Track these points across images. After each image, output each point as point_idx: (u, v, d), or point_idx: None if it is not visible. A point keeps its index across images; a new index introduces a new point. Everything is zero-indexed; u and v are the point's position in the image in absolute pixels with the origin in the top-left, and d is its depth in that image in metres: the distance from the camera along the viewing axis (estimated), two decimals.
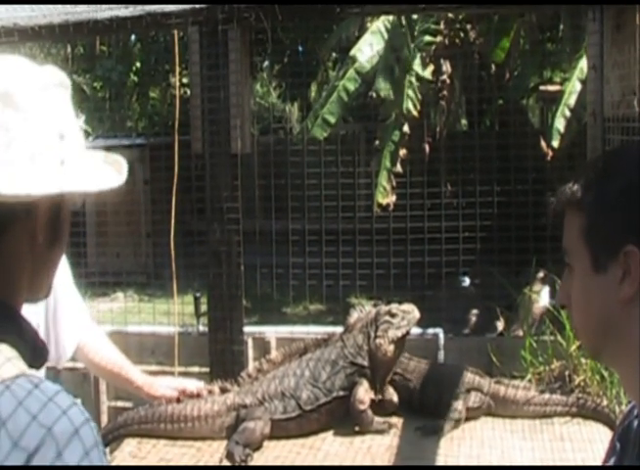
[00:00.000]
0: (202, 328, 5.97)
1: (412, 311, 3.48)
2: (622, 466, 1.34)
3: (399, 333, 3.42)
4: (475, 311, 8.65)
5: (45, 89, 1.43)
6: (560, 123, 7.87)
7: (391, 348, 3.40)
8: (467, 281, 8.89)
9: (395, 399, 3.49)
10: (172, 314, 5.63)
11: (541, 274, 6.83)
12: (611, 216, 1.37)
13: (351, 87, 8.39)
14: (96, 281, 11.34)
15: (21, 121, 1.39)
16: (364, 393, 3.39)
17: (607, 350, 1.44)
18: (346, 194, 9.26)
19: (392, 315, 3.44)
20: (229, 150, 4.43)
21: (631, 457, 1.42)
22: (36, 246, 1.46)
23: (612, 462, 1.49)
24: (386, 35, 8.49)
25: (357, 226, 9.04)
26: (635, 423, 1.45)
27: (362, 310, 3.54)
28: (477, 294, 8.67)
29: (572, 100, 7.89)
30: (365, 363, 3.43)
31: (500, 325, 7.51)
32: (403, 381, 3.59)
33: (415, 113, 8.34)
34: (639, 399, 1.41)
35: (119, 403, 5.48)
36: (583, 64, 7.14)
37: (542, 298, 6.38)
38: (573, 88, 7.93)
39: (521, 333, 5.42)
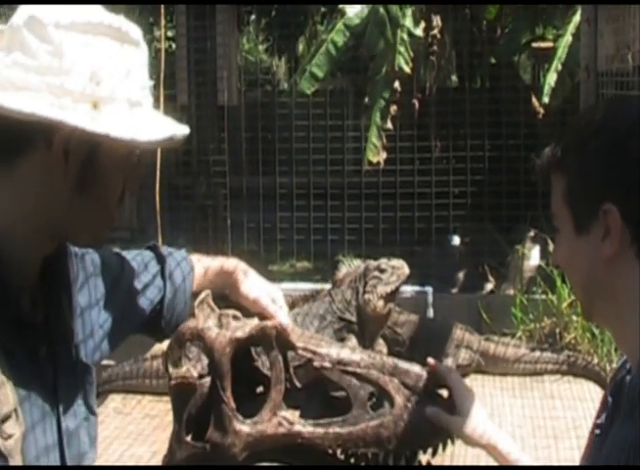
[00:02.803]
0: None
1: (401, 267, 3.41)
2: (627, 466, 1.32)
3: (388, 289, 3.35)
4: (464, 271, 8.61)
5: (85, 32, 1.44)
6: (552, 79, 7.80)
7: (380, 303, 3.34)
8: (456, 240, 8.83)
9: (385, 351, 3.44)
10: None
11: (532, 233, 6.78)
12: (589, 176, 1.37)
13: (340, 41, 8.28)
14: None
15: (48, 53, 1.40)
16: None
17: (598, 309, 1.44)
18: (335, 147, 9.18)
19: (382, 271, 3.37)
20: (215, 102, 4.35)
21: (624, 412, 1.40)
22: (58, 185, 1.46)
23: (603, 417, 1.48)
24: None
25: (346, 180, 8.96)
26: (628, 378, 1.44)
27: (351, 266, 3.48)
28: (466, 252, 8.62)
29: (565, 56, 7.81)
30: (353, 319, 3.37)
31: (490, 285, 7.47)
32: (393, 335, 3.55)
33: (407, 69, 8.25)
34: (631, 354, 1.40)
35: (103, 362, 5.42)
36: (577, 20, 7.06)
37: (533, 257, 6.33)
38: (567, 44, 7.85)
39: (511, 292, 5.39)
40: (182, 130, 1.52)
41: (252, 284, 2.20)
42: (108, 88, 1.44)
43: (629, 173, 1.35)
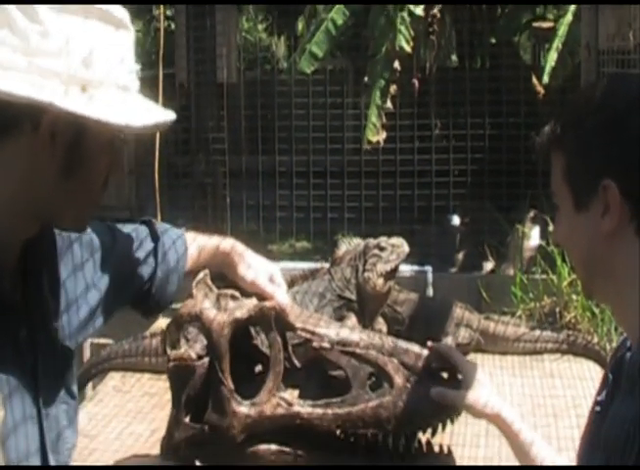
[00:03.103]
0: None
1: (401, 245, 3.39)
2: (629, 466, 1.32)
3: (388, 267, 3.33)
4: (463, 251, 8.60)
5: (76, 14, 1.42)
6: (552, 59, 7.77)
7: (380, 282, 3.32)
8: (456, 219, 8.81)
9: (385, 329, 3.43)
10: None
11: (532, 214, 6.77)
12: (588, 153, 1.37)
13: (340, 20, 8.25)
14: None
15: (38, 33, 1.39)
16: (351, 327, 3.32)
17: (598, 286, 1.45)
18: (335, 126, 9.14)
19: (381, 249, 3.35)
20: (215, 80, 4.33)
21: (624, 389, 1.40)
22: (44, 168, 1.45)
23: (603, 395, 1.50)
24: None
25: (345, 159, 8.94)
26: (628, 355, 1.44)
27: (350, 243, 3.46)
28: (466, 232, 8.60)
29: (566, 35, 7.78)
30: (353, 297, 3.35)
31: (490, 264, 7.47)
32: (393, 313, 3.53)
33: (408, 49, 8.21)
34: (631, 331, 1.41)
35: (102, 340, 5.40)
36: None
37: (533, 237, 6.32)
38: (567, 23, 7.81)
39: (511, 272, 5.38)
40: (169, 115, 1.52)
41: (249, 265, 2.19)
42: (97, 72, 1.43)
43: (629, 150, 1.35)
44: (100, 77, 1.43)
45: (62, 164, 1.46)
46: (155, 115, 1.50)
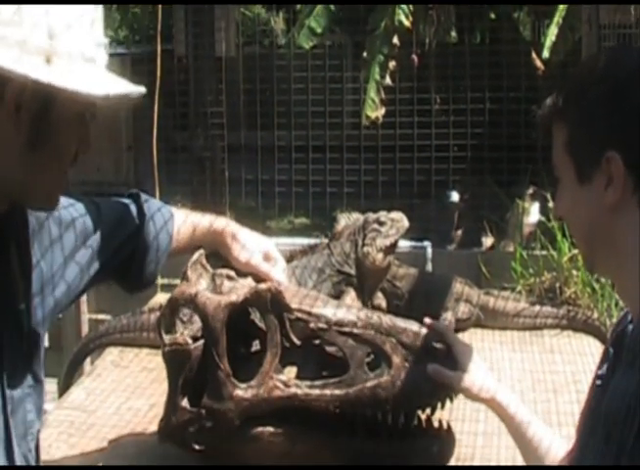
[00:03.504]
0: None
1: (401, 220, 3.37)
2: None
3: (388, 242, 3.31)
4: (462, 227, 8.60)
5: None
6: (553, 34, 7.74)
7: (380, 256, 3.30)
8: (455, 196, 8.80)
9: (384, 305, 3.41)
10: None
11: (531, 190, 6.76)
12: (591, 124, 1.36)
13: None
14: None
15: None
16: (351, 302, 3.30)
17: (600, 259, 1.44)
18: (334, 100, 9.12)
19: (381, 223, 3.33)
20: (213, 53, 4.30)
21: (625, 363, 1.40)
22: (9, 141, 1.42)
23: (604, 368, 1.50)
24: None
25: (345, 133, 8.92)
26: (630, 328, 1.44)
27: (349, 218, 3.44)
28: (465, 209, 8.59)
29: (566, 10, 7.74)
30: (352, 272, 3.33)
31: (489, 241, 7.46)
32: (392, 288, 3.52)
33: (407, 24, 8.18)
34: (632, 304, 1.41)
35: (100, 316, 5.40)
36: None
37: (532, 213, 6.31)
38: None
39: (511, 248, 5.37)
40: (138, 89, 1.48)
41: (243, 246, 2.17)
42: (62, 42, 1.40)
43: (632, 121, 1.34)
44: (65, 49, 1.40)
45: (28, 138, 1.43)
46: (120, 86, 1.47)
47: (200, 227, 2.15)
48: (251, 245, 2.17)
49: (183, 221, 2.12)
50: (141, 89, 1.49)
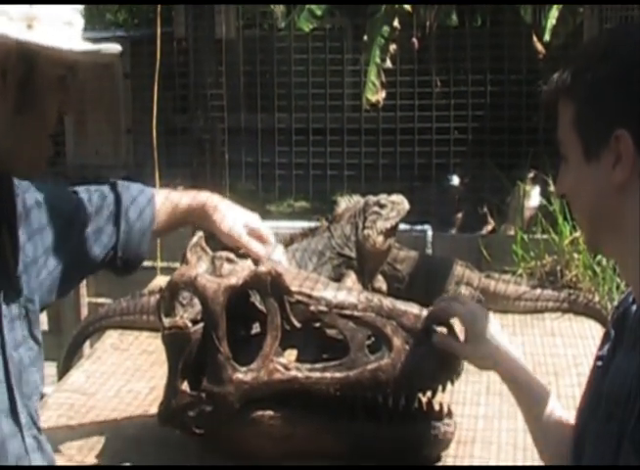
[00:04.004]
0: None
1: (401, 202, 3.36)
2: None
3: (388, 224, 3.30)
4: (463, 211, 8.58)
5: None
6: (554, 16, 7.71)
7: (380, 239, 3.29)
8: (456, 180, 8.79)
9: (384, 287, 3.40)
10: None
11: (532, 174, 6.74)
12: (599, 101, 1.33)
13: None
14: (75, 179, 11.23)
15: None
16: (351, 285, 3.29)
17: (604, 239, 1.42)
18: (334, 82, 9.11)
19: (381, 206, 3.32)
20: (213, 35, 4.28)
21: (627, 344, 1.40)
22: None
23: (605, 349, 1.49)
24: None
25: (345, 115, 8.90)
26: (633, 308, 1.43)
27: (350, 200, 3.43)
28: (466, 193, 8.58)
29: None
30: (353, 255, 3.32)
31: (489, 226, 7.45)
32: (393, 271, 3.51)
33: (408, 6, 8.14)
34: (635, 285, 1.39)
35: (100, 300, 5.39)
36: None
37: (533, 197, 6.29)
38: None
39: (512, 232, 5.35)
40: (115, 46, 1.54)
41: (224, 217, 2.17)
42: (42, 8, 1.44)
43: None
44: (45, 13, 1.45)
45: (15, 103, 1.47)
46: (98, 45, 1.51)
47: (181, 205, 2.16)
48: (233, 215, 2.17)
49: (162, 203, 2.12)
50: (117, 46, 1.53)
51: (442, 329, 2.13)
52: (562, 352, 3.23)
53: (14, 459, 1.54)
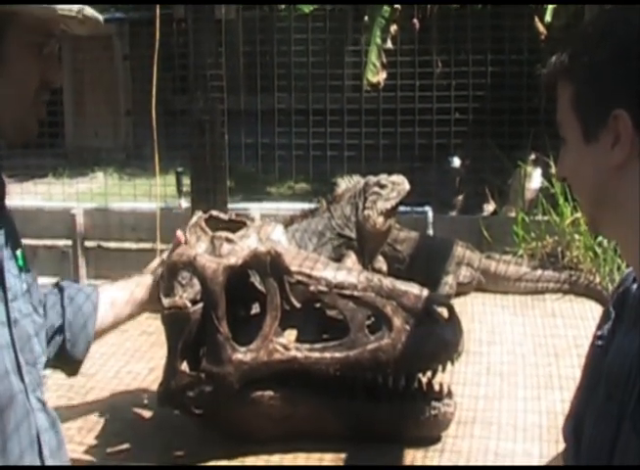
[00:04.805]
0: (184, 205, 5.87)
1: (402, 183, 3.34)
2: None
3: (388, 205, 3.28)
4: (464, 194, 8.57)
5: None
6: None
7: (380, 220, 3.28)
8: (456, 162, 8.76)
9: (385, 268, 3.39)
10: (154, 194, 5.47)
11: (533, 156, 6.72)
12: (598, 82, 1.32)
13: None
14: (74, 161, 11.23)
15: None
16: (351, 265, 3.28)
17: (604, 220, 1.40)
18: (334, 62, 9.07)
19: (382, 186, 3.30)
20: (212, 16, 4.25)
21: (628, 323, 1.38)
22: None
23: (605, 328, 1.47)
24: None
25: (345, 96, 8.87)
26: (634, 288, 1.42)
27: (350, 181, 3.41)
28: (466, 175, 8.56)
29: None
30: (353, 235, 3.31)
31: (490, 207, 7.43)
32: (393, 251, 3.50)
33: None
34: (636, 265, 1.37)
35: (99, 282, 5.39)
36: None
37: (534, 179, 6.28)
38: None
39: (513, 213, 5.34)
40: (93, 12, 1.55)
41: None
42: None
43: None
44: None
45: None
46: (78, 5, 1.53)
47: (118, 303, 2.16)
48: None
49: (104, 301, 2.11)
50: (97, 15, 1.56)
51: (442, 309, 2.13)
52: (562, 333, 3.22)
53: (21, 414, 1.58)
